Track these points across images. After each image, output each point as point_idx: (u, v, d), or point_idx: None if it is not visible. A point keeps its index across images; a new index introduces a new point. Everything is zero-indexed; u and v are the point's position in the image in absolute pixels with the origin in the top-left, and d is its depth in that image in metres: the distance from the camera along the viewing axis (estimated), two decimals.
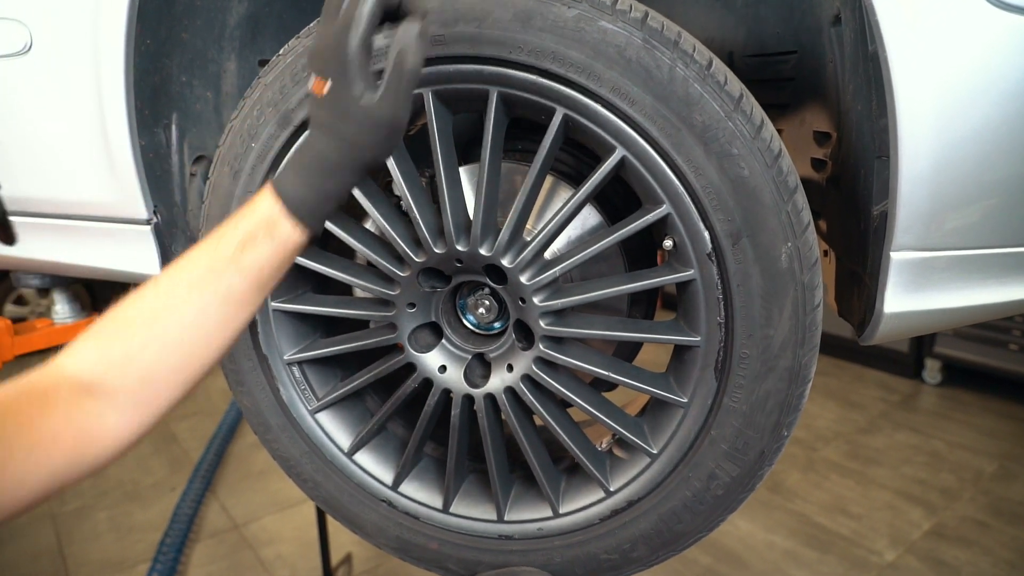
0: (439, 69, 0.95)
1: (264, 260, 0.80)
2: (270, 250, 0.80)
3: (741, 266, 0.90)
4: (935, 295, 0.92)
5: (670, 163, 0.89)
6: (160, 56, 1.21)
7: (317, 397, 1.19)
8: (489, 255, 0.99)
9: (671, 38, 0.86)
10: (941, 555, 3.02)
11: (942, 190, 0.86)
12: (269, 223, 0.80)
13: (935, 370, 4.60)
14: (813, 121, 1.18)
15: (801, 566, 2.99)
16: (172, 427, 4.27)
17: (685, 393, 0.99)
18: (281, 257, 0.82)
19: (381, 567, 3.02)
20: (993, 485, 3.53)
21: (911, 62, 0.81)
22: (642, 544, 1.06)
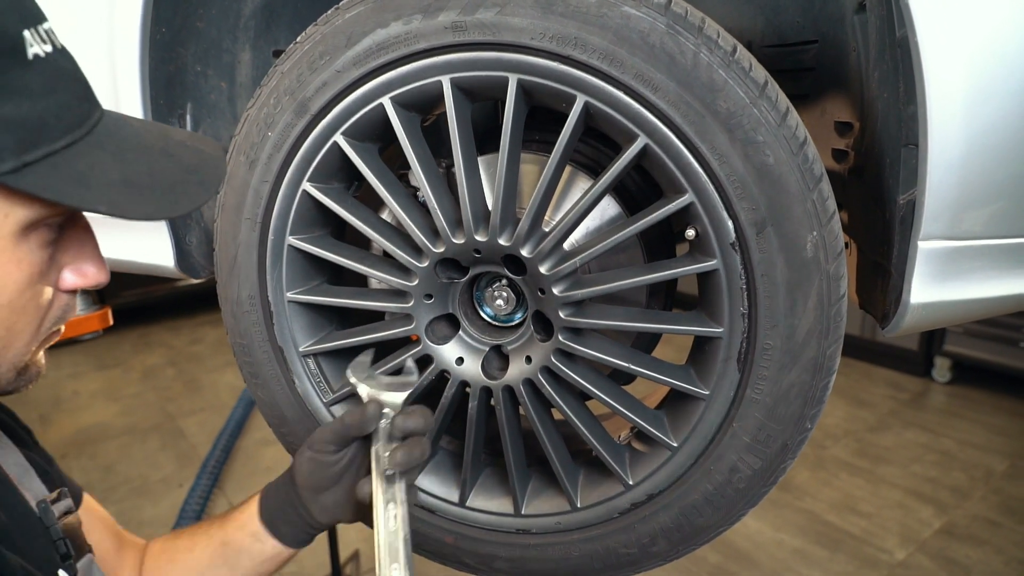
0: (458, 57, 0.94)
1: None
2: None
3: (765, 256, 0.88)
4: (963, 285, 0.91)
5: (693, 151, 0.88)
6: (175, 45, 1.20)
7: (332, 390, 1.18)
8: (508, 245, 0.98)
9: (695, 24, 0.85)
10: (952, 554, 3.01)
11: (972, 178, 0.84)
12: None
13: (945, 368, 4.57)
14: (834, 111, 1.16)
15: (811, 564, 2.98)
16: (180, 423, 4.27)
17: (707, 385, 0.97)
18: None
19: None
20: (1004, 483, 3.51)
21: (942, 47, 0.80)
22: (662, 538, 1.04)
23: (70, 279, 0.70)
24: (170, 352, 5.48)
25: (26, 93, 0.58)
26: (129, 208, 0.62)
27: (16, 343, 0.67)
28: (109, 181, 0.62)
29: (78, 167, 0.61)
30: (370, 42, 0.97)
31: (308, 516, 1.00)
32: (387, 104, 0.99)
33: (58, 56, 0.62)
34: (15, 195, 0.59)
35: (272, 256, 1.11)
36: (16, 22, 0.58)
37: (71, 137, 0.61)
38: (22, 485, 0.84)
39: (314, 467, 0.97)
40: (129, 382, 4.92)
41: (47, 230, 0.65)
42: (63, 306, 0.71)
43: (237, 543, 1.02)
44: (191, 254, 1.30)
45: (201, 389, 4.80)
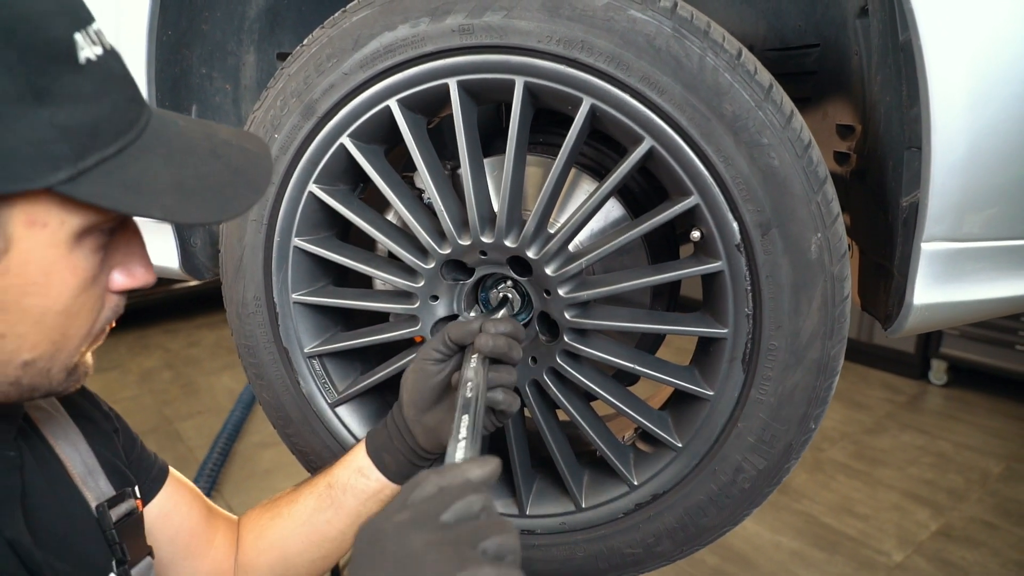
0: (465, 59, 0.95)
1: None
2: None
3: (770, 257, 0.89)
4: (965, 286, 0.92)
5: (699, 153, 0.89)
6: (180, 47, 1.21)
7: (337, 391, 1.18)
8: (514, 247, 0.99)
9: (701, 28, 0.86)
10: (949, 556, 3.01)
11: (974, 180, 0.85)
12: None
13: (941, 371, 4.59)
14: (836, 114, 1.18)
15: (809, 566, 2.98)
16: (177, 426, 4.26)
17: (712, 386, 0.98)
18: None
19: None
20: (1000, 486, 3.52)
21: (945, 51, 0.81)
22: (667, 538, 1.05)
23: (120, 280, 0.70)
24: (167, 355, 5.46)
25: (79, 98, 0.57)
26: (181, 213, 0.62)
27: (69, 345, 0.67)
28: (161, 186, 0.62)
29: (131, 173, 0.61)
30: (377, 45, 0.97)
31: (412, 441, 0.97)
32: (394, 106, 1.00)
33: (108, 58, 0.61)
34: (71, 203, 0.59)
35: (278, 257, 1.11)
36: (67, 25, 0.57)
37: (123, 142, 0.61)
38: (85, 485, 0.84)
39: (418, 377, 0.96)
40: (126, 385, 4.90)
41: (99, 235, 0.65)
42: (113, 307, 0.72)
43: (342, 482, 1.00)
44: (195, 255, 1.31)
45: (198, 392, 4.78)
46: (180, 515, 1.00)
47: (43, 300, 0.62)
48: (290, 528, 1.02)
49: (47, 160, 0.55)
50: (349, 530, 1.01)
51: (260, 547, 1.03)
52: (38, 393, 0.68)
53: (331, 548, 1.02)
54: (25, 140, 0.54)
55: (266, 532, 1.04)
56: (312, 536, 1.01)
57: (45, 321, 0.63)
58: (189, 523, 1.01)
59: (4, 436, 0.76)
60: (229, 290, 1.16)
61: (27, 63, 0.54)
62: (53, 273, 0.61)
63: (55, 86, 0.55)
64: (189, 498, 1.03)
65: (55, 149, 0.56)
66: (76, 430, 0.88)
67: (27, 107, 0.54)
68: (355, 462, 1.01)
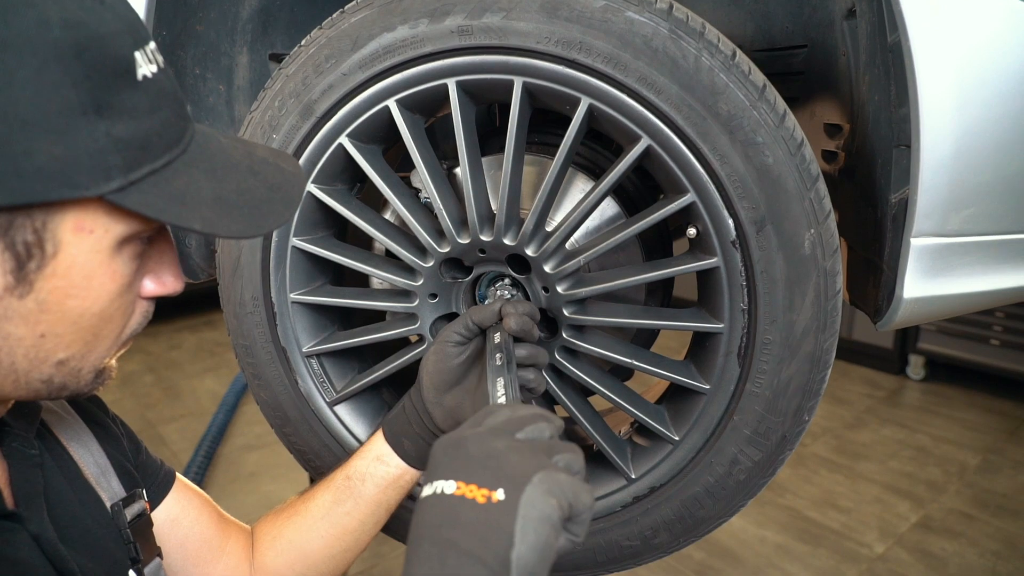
0: (464, 60, 0.96)
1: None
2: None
3: (765, 253, 0.91)
4: (953, 280, 0.95)
5: (695, 152, 0.91)
6: (175, 48, 1.21)
7: (335, 389, 1.19)
8: (513, 244, 1.00)
9: (696, 28, 0.88)
10: (929, 547, 3.07)
11: (962, 177, 0.88)
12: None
13: (919, 366, 4.67)
14: (824, 114, 1.20)
15: (793, 560, 3.02)
16: (160, 430, 4.22)
17: (708, 380, 1.00)
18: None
19: (376, 567, 3.01)
20: (977, 478, 3.59)
21: (933, 51, 0.83)
22: (664, 530, 1.07)
23: (150, 287, 0.72)
24: (148, 358, 5.40)
25: (135, 113, 0.60)
26: (221, 226, 0.65)
27: (100, 347, 0.69)
28: (203, 199, 0.65)
29: (176, 185, 0.63)
30: (376, 45, 0.98)
31: (431, 423, 0.99)
32: (393, 107, 1.01)
33: (161, 75, 0.64)
34: (117, 211, 0.61)
35: (276, 257, 1.11)
36: (130, 45, 0.60)
37: (170, 155, 0.64)
38: (99, 486, 0.86)
39: (439, 358, 0.98)
40: (107, 389, 4.75)
41: (138, 243, 0.67)
42: (144, 312, 0.74)
43: (360, 471, 1.01)
44: (191, 256, 1.31)
45: (181, 395, 4.74)
46: (189, 521, 1.01)
47: (83, 303, 0.64)
48: (308, 524, 1.03)
49: (102, 170, 0.58)
50: (369, 520, 1.02)
51: (278, 548, 1.04)
52: (66, 392, 0.70)
53: (352, 540, 1.03)
54: (84, 150, 0.57)
55: (283, 532, 1.04)
56: (332, 530, 1.02)
57: (82, 323, 0.65)
58: (198, 529, 1.02)
59: (25, 435, 0.78)
60: (226, 290, 1.16)
61: (92, 79, 0.57)
62: (94, 277, 0.63)
63: (115, 101, 0.58)
64: (198, 504, 1.04)
65: (110, 160, 0.58)
66: (88, 432, 0.89)
67: (89, 119, 0.57)
68: (372, 451, 1.02)
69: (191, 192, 0.64)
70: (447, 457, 0.60)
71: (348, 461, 1.04)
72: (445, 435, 0.64)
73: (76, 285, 0.63)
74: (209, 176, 0.67)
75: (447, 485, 0.57)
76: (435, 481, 0.58)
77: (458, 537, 0.53)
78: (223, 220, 0.65)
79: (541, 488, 0.55)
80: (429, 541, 0.55)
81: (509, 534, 0.53)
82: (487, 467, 0.57)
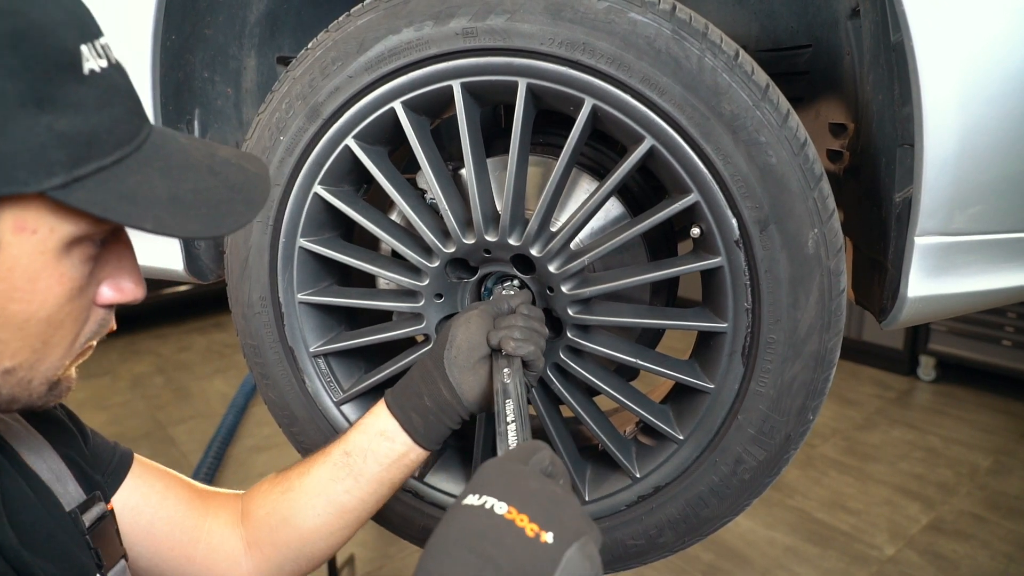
0: (469, 62, 0.97)
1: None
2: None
3: (768, 252, 0.92)
4: (958, 279, 0.94)
5: (699, 152, 0.91)
6: (184, 52, 1.22)
7: (343, 389, 1.20)
8: (518, 245, 1.01)
9: (699, 29, 0.88)
10: (940, 549, 3.06)
11: (966, 175, 0.88)
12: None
13: (930, 367, 4.64)
14: (828, 113, 1.20)
15: (802, 562, 3.01)
16: (170, 431, 4.25)
17: (712, 379, 1.00)
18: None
19: (384, 568, 3.02)
20: (989, 480, 3.57)
21: (937, 51, 0.83)
22: (669, 529, 1.07)
23: (108, 294, 0.69)
24: (158, 360, 5.44)
25: (80, 108, 0.58)
26: (174, 226, 0.62)
27: (51, 357, 0.67)
28: (156, 198, 0.62)
29: (126, 183, 0.61)
30: (382, 48, 0.99)
31: (452, 395, 0.94)
32: (398, 108, 1.02)
33: (113, 71, 0.62)
34: (63, 210, 0.59)
35: (283, 258, 1.13)
36: (75, 37, 0.58)
37: (121, 153, 0.61)
38: (56, 492, 0.83)
39: (484, 323, 0.96)
40: (117, 390, 4.88)
41: (90, 245, 0.65)
42: (99, 320, 0.71)
43: (362, 447, 0.96)
44: (200, 257, 1.32)
45: (191, 397, 4.77)
46: (153, 504, 0.96)
47: (27, 307, 0.61)
48: (304, 501, 0.98)
49: (43, 165, 0.55)
50: (370, 499, 0.97)
51: (272, 524, 0.99)
52: (17, 405, 0.67)
53: (350, 519, 0.98)
54: (23, 145, 0.55)
55: (278, 508, 0.99)
56: (329, 508, 0.97)
57: (28, 328, 0.63)
58: (165, 511, 0.97)
59: None
60: (235, 291, 1.17)
61: (32, 69, 0.55)
62: (39, 280, 0.61)
63: (58, 94, 0.56)
64: (163, 484, 0.98)
65: (52, 155, 0.56)
66: (40, 437, 0.86)
67: (28, 112, 0.55)
68: (376, 425, 0.97)
69: (143, 191, 0.61)
70: (503, 479, 0.60)
71: (345, 435, 0.99)
72: (499, 458, 0.64)
73: (19, 288, 0.60)
74: (164, 175, 0.64)
75: (499, 505, 0.56)
76: (485, 495, 0.57)
77: (499, 557, 0.53)
78: (177, 220, 0.62)
79: (584, 551, 0.55)
80: (468, 548, 0.54)
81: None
82: (544, 507, 0.57)
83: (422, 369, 0.96)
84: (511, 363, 0.90)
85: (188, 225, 0.63)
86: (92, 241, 0.65)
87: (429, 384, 0.95)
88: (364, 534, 3.20)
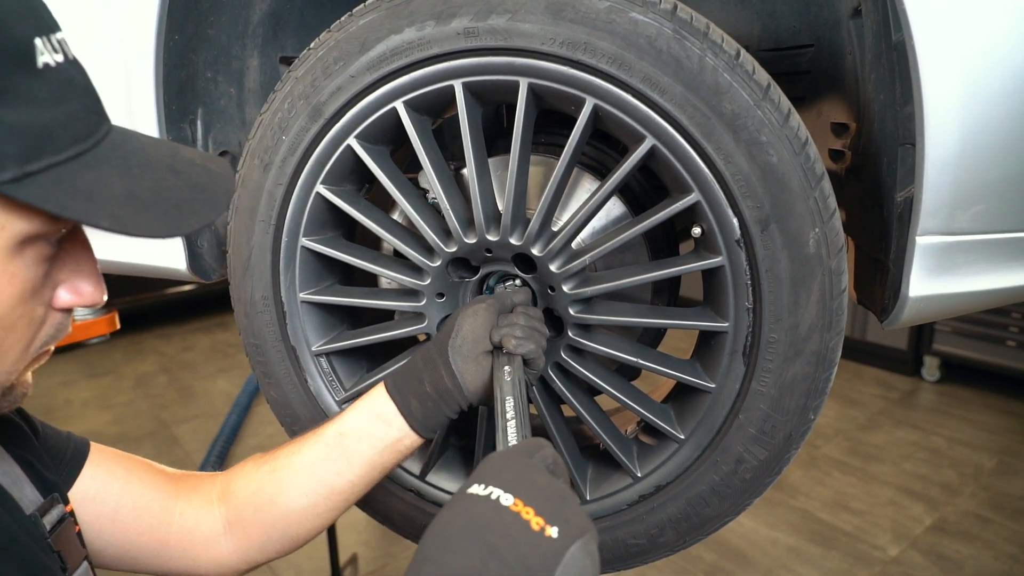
0: (470, 61, 0.97)
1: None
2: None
3: (769, 252, 0.92)
4: (959, 279, 0.94)
5: (700, 151, 0.91)
6: (187, 52, 1.22)
7: (344, 388, 1.20)
8: (520, 244, 1.01)
9: (700, 29, 0.88)
10: (943, 550, 3.05)
11: (967, 175, 0.88)
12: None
13: (934, 367, 4.64)
14: (831, 113, 1.20)
15: (805, 562, 3.01)
16: (174, 430, 4.26)
17: (713, 378, 1.00)
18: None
19: (387, 567, 3.02)
20: (993, 480, 3.56)
21: (937, 50, 0.83)
22: (670, 529, 1.07)
23: (65, 297, 0.67)
24: (162, 359, 5.46)
25: (33, 101, 0.56)
26: (133, 224, 0.60)
27: (3, 362, 0.64)
28: (113, 196, 0.60)
29: (82, 180, 0.59)
30: (384, 48, 0.99)
31: (454, 383, 0.92)
32: (400, 108, 1.02)
33: (69, 67, 0.60)
34: (14, 206, 0.56)
35: (286, 257, 1.13)
36: (28, 29, 0.57)
37: (76, 149, 0.59)
38: (13, 496, 0.80)
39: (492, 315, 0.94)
40: (121, 390, 4.90)
41: (45, 245, 0.62)
42: (56, 324, 0.68)
43: (356, 429, 0.94)
44: (203, 257, 1.32)
45: (194, 396, 4.79)
46: (115, 491, 0.93)
47: None
48: (292, 481, 0.95)
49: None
50: (360, 482, 0.95)
51: (257, 503, 0.97)
52: None
53: (338, 501, 0.96)
54: None
55: (264, 487, 0.97)
56: (319, 489, 0.95)
57: None
58: (129, 497, 0.94)
59: None
60: (237, 290, 1.18)
61: None
62: None
63: (9, 85, 0.55)
64: (124, 470, 0.96)
65: (2, 148, 0.54)
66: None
67: None
68: (372, 407, 0.94)
69: (99, 188, 0.59)
70: (510, 471, 0.60)
71: (341, 415, 0.96)
72: (505, 451, 0.64)
73: None
74: (122, 173, 0.62)
75: (505, 496, 0.56)
76: (491, 486, 0.57)
77: (504, 548, 0.53)
78: (136, 218, 0.60)
79: (586, 549, 0.55)
80: (472, 538, 0.54)
81: (550, 571, 0.53)
82: (550, 502, 0.57)
83: (425, 356, 0.95)
84: (512, 361, 0.91)
85: (148, 224, 0.61)
86: (47, 241, 0.62)
87: (431, 370, 0.93)
88: (367, 533, 3.21)
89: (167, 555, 0.96)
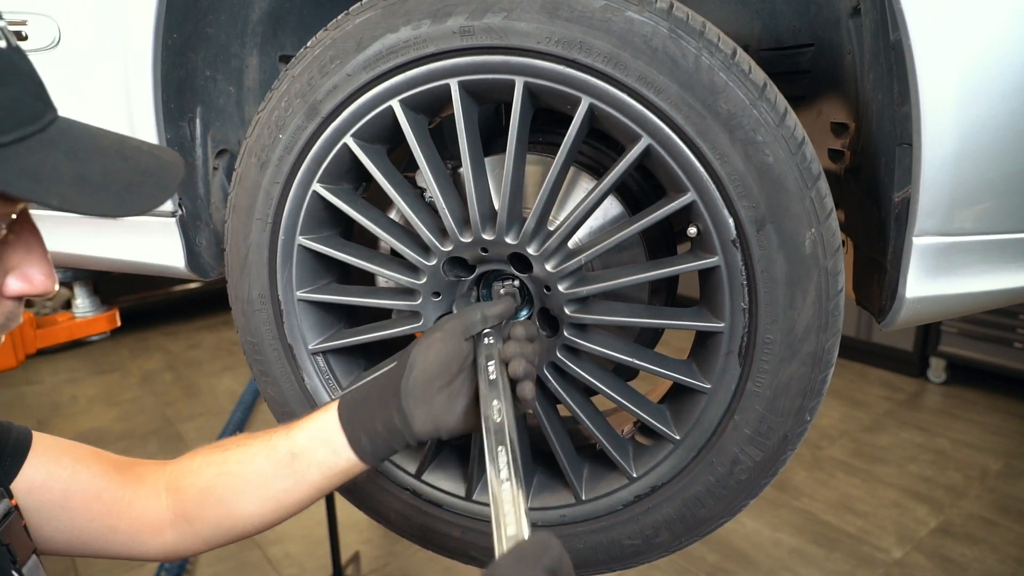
0: (466, 60, 0.97)
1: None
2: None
3: (765, 252, 0.91)
4: (957, 280, 0.94)
5: (695, 151, 0.91)
6: (186, 51, 1.23)
7: (341, 386, 1.20)
8: (515, 244, 1.01)
9: (696, 28, 0.88)
10: (948, 552, 3.04)
11: (964, 176, 0.87)
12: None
13: (940, 369, 4.61)
14: (830, 112, 1.20)
15: (808, 563, 3.00)
16: (179, 427, 4.28)
17: (708, 379, 1.00)
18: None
19: (390, 565, 3.03)
20: (999, 483, 3.54)
21: (934, 50, 0.83)
22: (665, 529, 1.07)
23: (15, 285, 0.66)
24: (168, 357, 5.49)
25: None
26: (81, 203, 0.59)
27: None
28: (61, 177, 0.60)
29: (28, 161, 0.58)
30: (380, 46, 0.99)
31: (405, 425, 0.90)
32: (396, 107, 1.02)
33: (12, 53, 0.60)
34: None
35: (283, 256, 1.13)
36: None
37: (21, 132, 0.59)
38: None
39: (447, 349, 0.90)
40: (127, 387, 4.92)
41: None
42: (7, 313, 0.68)
43: (309, 455, 0.93)
44: (201, 255, 1.33)
45: (199, 393, 4.81)
46: (62, 479, 0.92)
47: None
48: (242, 488, 0.96)
49: None
50: (308, 499, 0.96)
51: (205, 501, 0.97)
52: None
53: (286, 513, 0.97)
54: None
55: (214, 487, 0.97)
56: (268, 502, 0.96)
57: None
58: (78, 484, 0.93)
59: None
60: (234, 288, 1.18)
61: None
62: None
63: None
64: (70, 459, 0.95)
65: None
66: None
67: None
68: (325, 434, 0.93)
69: (46, 169, 0.59)
70: None
71: (295, 430, 0.96)
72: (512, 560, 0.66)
73: None
74: (70, 157, 0.62)
75: None
76: None
77: None
78: (85, 199, 0.60)
79: None
80: None
81: None
82: None
83: (380, 391, 0.93)
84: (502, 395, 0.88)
85: (97, 204, 0.61)
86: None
87: (383, 409, 0.91)
88: (369, 532, 3.21)
89: (117, 540, 0.97)
